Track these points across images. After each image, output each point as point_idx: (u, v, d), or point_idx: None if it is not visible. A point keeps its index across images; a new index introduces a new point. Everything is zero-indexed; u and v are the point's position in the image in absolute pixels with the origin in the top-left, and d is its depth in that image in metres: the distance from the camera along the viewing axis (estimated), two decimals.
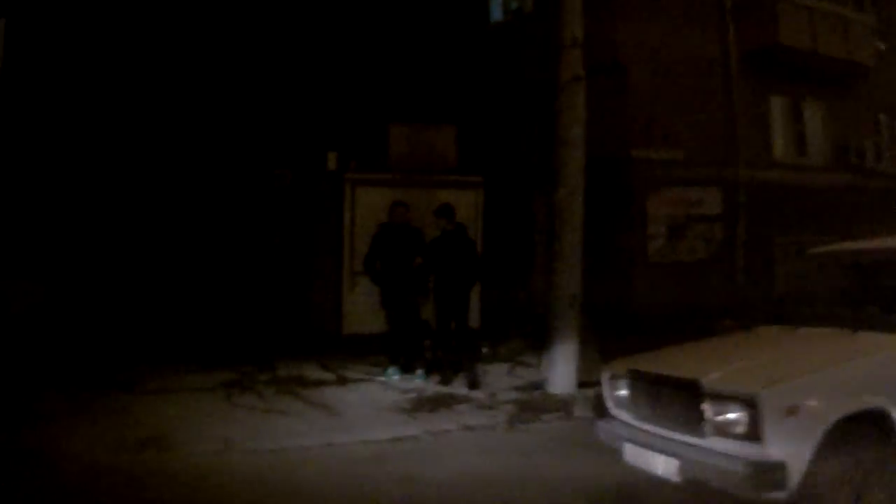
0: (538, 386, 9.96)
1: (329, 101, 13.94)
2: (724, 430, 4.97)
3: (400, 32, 15.21)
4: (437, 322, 10.54)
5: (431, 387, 10.18)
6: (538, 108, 13.93)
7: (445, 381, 10.28)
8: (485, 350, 11.30)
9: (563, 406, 9.25)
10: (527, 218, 14.62)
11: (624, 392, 5.93)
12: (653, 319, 12.59)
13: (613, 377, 6.09)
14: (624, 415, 5.94)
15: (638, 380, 5.78)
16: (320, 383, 10.28)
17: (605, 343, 10.13)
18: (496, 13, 17.46)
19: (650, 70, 14.38)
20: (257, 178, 13.85)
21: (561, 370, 9.66)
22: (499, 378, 10.64)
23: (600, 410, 6.26)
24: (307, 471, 7.02)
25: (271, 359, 11.18)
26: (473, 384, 10.16)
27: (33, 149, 12.58)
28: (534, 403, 9.39)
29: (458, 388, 10.08)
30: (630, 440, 5.75)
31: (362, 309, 12.09)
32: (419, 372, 10.60)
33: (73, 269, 12.66)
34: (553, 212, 9.87)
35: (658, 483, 5.60)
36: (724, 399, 5.00)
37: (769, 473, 4.75)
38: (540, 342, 10.52)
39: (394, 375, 10.54)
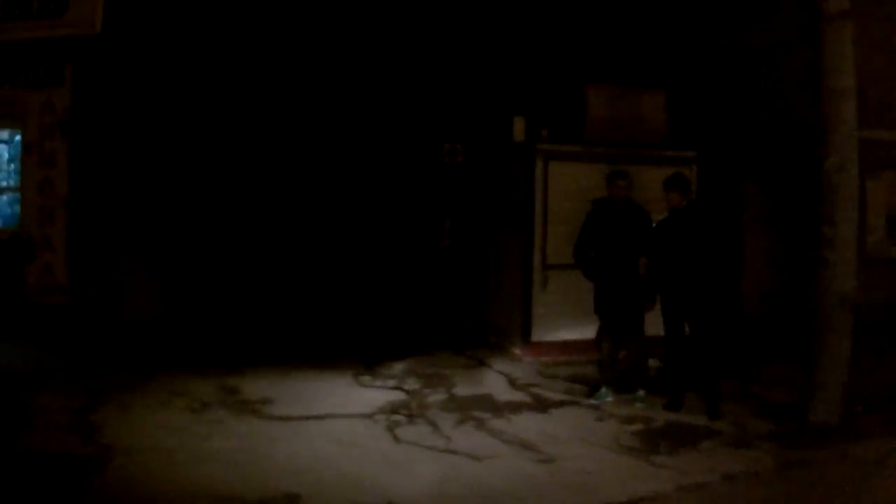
0: (790, 411, 7.74)
1: (510, 56, 11.45)
2: None
3: None
4: (666, 327, 7.98)
5: (658, 414, 7.74)
6: (746, 77, 11.88)
7: (675, 406, 7.88)
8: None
9: (834, 441, 7.09)
10: (736, 204, 12.14)
11: None
12: (872, 325, 10.21)
13: None
14: None
15: None
16: (512, 407, 7.82)
17: None
18: None
19: (856, 37, 11.96)
20: (421, 155, 11.68)
21: (829, 394, 7.52)
22: (731, 399, 8.14)
23: None
24: None
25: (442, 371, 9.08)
26: (714, 411, 7.70)
27: (149, 135, 10.79)
28: (797, 438, 7.19)
29: (693, 415, 7.68)
30: None
31: (556, 311, 9.81)
32: (640, 393, 8.17)
33: (197, 262, 10.87)
34: (822, 185, 7.72)
35: None
36: None
37: None
38: (762, 352, 9.43)
39: (607, 398, 8.13)
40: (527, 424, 7.21)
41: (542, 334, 9.83)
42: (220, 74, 10.91)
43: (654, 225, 8.23)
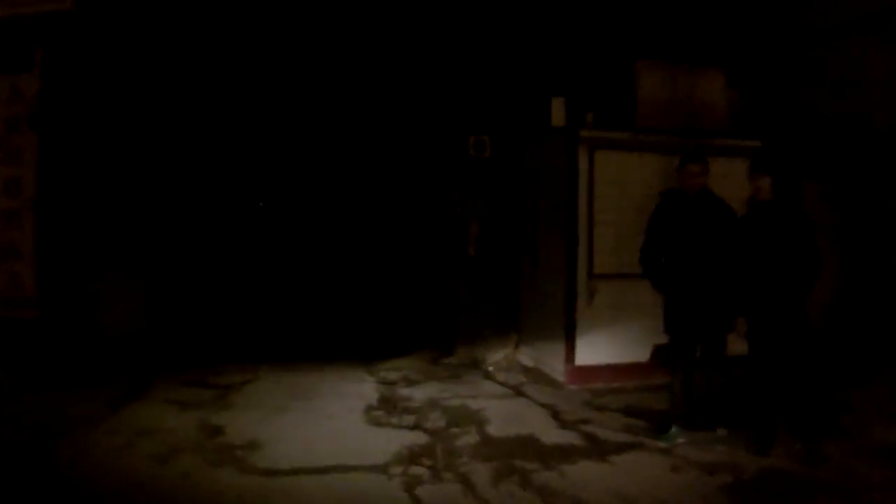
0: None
1: (545, 27, 10.13)
2: None
3: None
4: (753, 348, 6.44)
5: (744, 458, 6.19)
6: (818, 60, 10.23)
7: (763, 448, 6.33)
8: None
9: None
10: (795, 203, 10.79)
11: None
12: None
13: None
14: None
15: None
16: (562, 453, 6.23)
17: None
18: None
19: None
20: (442, 149, 10.42)
21: None
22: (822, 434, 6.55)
23: None
24: None
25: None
26: (813, 455, 6.17)
27: (130, 128, 9.63)
28: None
29: (786, 458, 6.16)
30: None
31: (605, 329, 8.36)
32: (720, 432, 6.65)
33: (184, 272, 9.71)
34: None
35: None
36: None
37: None
38: (838, 372, 8.06)
39: (678, 438, 6.55)
40: (585, 478, 5.67)
41: (587, 356, 8.38)
42: (210, 60, 9.79)
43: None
